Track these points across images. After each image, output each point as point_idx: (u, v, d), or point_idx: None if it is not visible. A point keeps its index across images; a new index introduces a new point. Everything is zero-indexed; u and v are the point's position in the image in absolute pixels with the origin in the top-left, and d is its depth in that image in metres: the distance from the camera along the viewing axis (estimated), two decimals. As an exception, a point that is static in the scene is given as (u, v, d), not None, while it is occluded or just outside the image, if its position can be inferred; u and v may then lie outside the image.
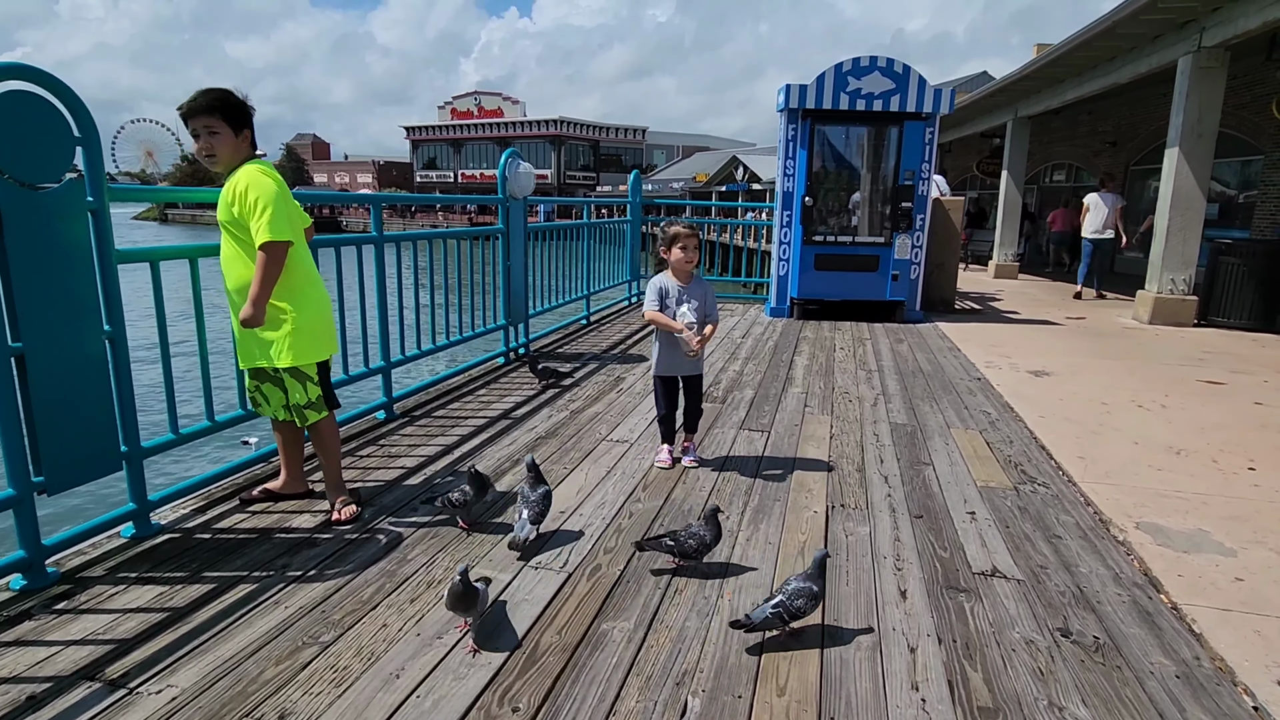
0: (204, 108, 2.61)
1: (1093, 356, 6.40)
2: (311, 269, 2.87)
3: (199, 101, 2.61)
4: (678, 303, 3.38)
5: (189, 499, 2.99)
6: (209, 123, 2.62)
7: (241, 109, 2.68)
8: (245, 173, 2.64)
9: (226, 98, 2.65)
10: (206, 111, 2.62)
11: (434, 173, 70.90)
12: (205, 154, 2.66)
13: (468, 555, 2.61)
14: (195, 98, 2.62)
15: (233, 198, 2.61)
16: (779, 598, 2.14)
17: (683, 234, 3.37)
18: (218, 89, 2.66)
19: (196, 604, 2.25)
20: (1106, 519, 3.06)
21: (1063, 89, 11.14)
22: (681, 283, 3.42)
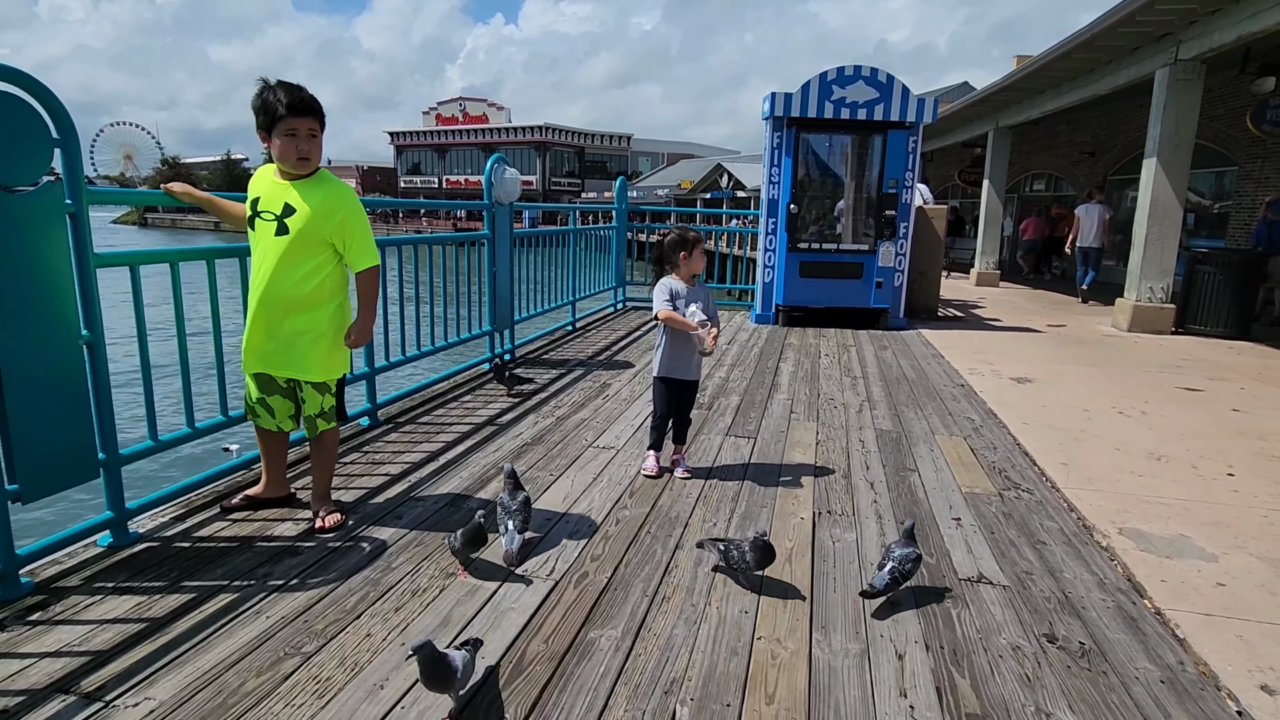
0: (315, 109, 2.57)
1: (1073, 364, 6.46)
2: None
3: (310, 102, 2.55)
4: (687, 303, 3.37)
5: (168, 507, 2.93)
6: (314, 126, 2.58)
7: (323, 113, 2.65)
8: (344, 191, 2.65)
9: (320, 106, 2.61)
10: (316, 114, 2.58)
11: (418, 178, 70.59)
12: (299, 157, 2.58)
13: (453, 563, 2.58)
14: (302, 94, 2.54)
15: (332, 213, 2.59)
16: (890, 564, 2.38)
17: (695, 241, 3.41)
18: (305, 88, 2.57)
19: (175, 614, 2.20)
20: (1090, 525, 3.09)
21: (1042, 100, 11.30)
22: (688, 284, 3.43)
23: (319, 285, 2.65)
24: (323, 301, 2.68)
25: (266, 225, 2.61)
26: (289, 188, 2.61)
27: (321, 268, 2.64)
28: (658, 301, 3.40)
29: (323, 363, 2.74)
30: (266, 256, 2.61)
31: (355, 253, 2.68)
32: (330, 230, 2.62)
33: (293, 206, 2.59)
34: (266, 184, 2.66)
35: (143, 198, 2.90)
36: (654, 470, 3.49)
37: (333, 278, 2.70)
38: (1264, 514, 3.24)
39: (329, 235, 2.62)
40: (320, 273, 2.64)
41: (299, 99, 2.53)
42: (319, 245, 2.62)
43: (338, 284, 2.74)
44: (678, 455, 3.59)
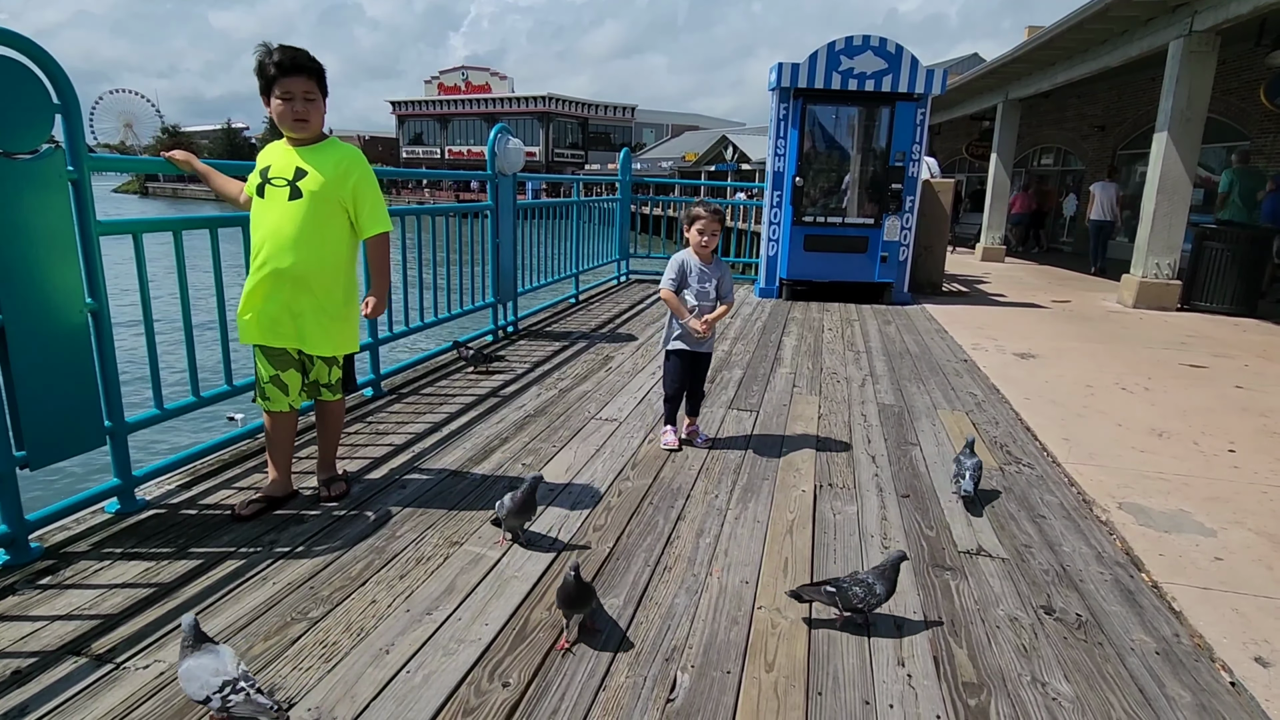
0: (309, 68, 2.47)
1: (1077, 340, 6.45)
2: None
3: (304, 61, 2.45)
4: (698, 280, 3.38)
5: (174, 474, 2.96)
6: (309, 88, 2.50)
7: (324, 74, 2.56)
8: (356, 154, 2.61)
9: (318, 65, 2.51)
10: (311, 74, 2.48)
11: (420, 149, 69.99)
12: (296, 119, 2.50)
13: (456, 531, 2.60)
14: (295, 52, 2.44)
15: (346, 175, 2.56)
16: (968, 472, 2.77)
17: (702, 215, 3.33)
18: (303, 49, 2.48)
19: (183, 580, 2.24)
20: (1090, 499, 3.10)
21: (1053, 72, 11.13)
22: (703, 261, 3.40)
23: (334, 254, 2.60)
24: (338, 273, 2.63)
25: (278, 191, 2.54)
26: (300, 153, 2.57)
27: (336, 235, 2.59)
28: (665, 277, 3.41)
29: (337, 338, 2.71)
30: (281, 224, 2.52)
31: (367, 216, 2.63)
32: (345, 192, 2.57)
33: (304, 170, 2.53)
34: (278, 153, 2.60)
35: (145, 165, 2.88)
36: (675, 444, 3.48)
37: (347, 246, 2.66)
38: (1264, 490, 3.25)
39: (344, 198, 2.57)
40: (335, 240, 2.59)
41: (291, 58, 2.46)
42: (334, 209, 2.57)
43: (351, 254, 2.70)
44: (693, 427, 3.61)
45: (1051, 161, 17.39)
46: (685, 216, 3.42)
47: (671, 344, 3.47)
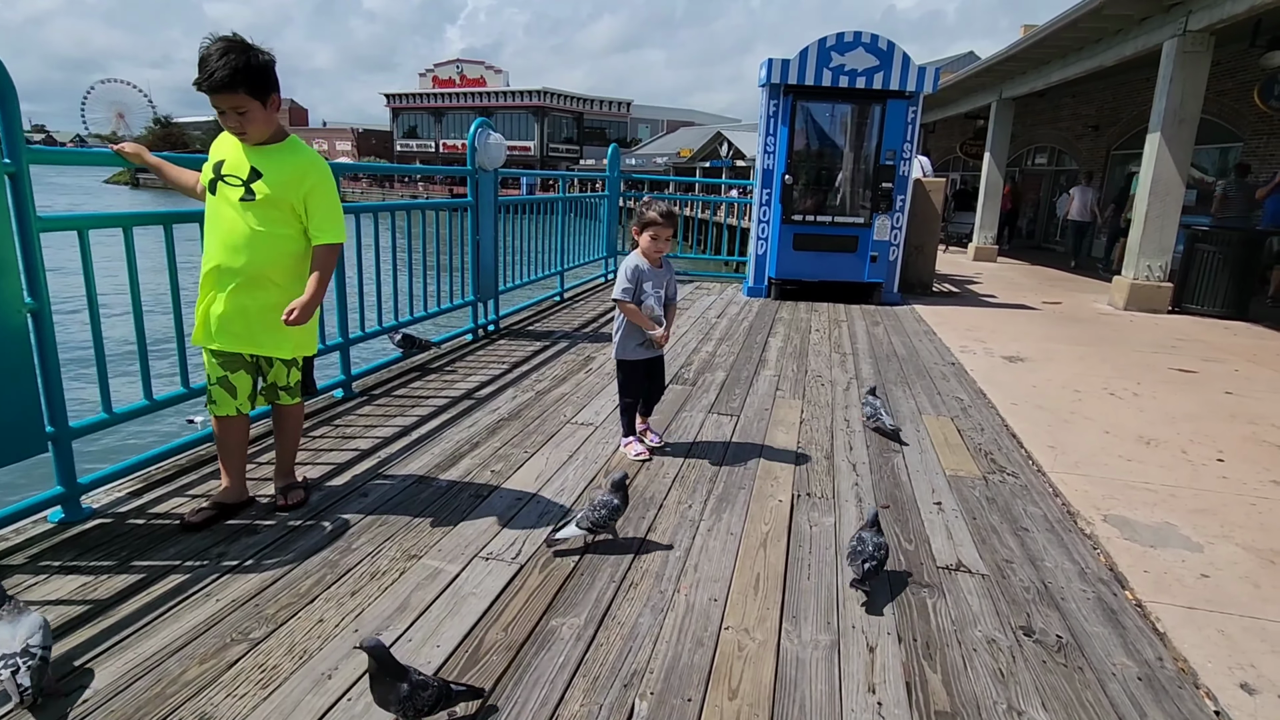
0: (224, 83, 2.23)
1: (1067, 342, 6.37)
2: None
3: (217, 76, 2.22)
4: (653, 287, 3.27)
5: (126, 481, 2.84)
6: (235, 102, 2.28)
7: (265, 73, 2.32)
8: (315, 158, 2.48)
9: (248, 64, 2.27)
10: (228, 88, 2.25)
11: (414, 142, 69.64)
12: (236, 132, 2.38)
13: (416, 543, 2.50)
14: (210, 69, 2.22)
15: (300, 181, 2.41)
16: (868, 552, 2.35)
17: (658, 223, 3.21)
18: (235, 50, 2.25)
19: (121, 596, 2.13)
20: (1074, 511, 3.02)
21: (1047, 71, 11.05)
22: (653, 265, 3.30)
23: (287, 255, 2.48)
24: (291, 275, 2.51)
25: (231, 190, 2.41)
26: (256, 153, 2.42)
27: (289, 237, 2.47)
28: (618, 286, 3.26)
29: (294, 339, 2.61)
30: (234, 223, 2.41)
31: (317, 222, 2.46)
32: (298, 198, 2.44)
33: (259, 171, 2.41)
34: (231, 145, 2.45)
35: (91, 157, 2.73)
36: (644, 453, 3.37)
37: (301, 248, 2.53)
38: (1252, 502, 3.17)
39: (296, 204, 2.45)
40: (288, 242, 2.47)
41: (206, 76, 2.24)
42: (287, 214, 2.44)
43: (305, 256, 2.56)
44: (645, 425, 3.53)
45: (1045, 161, 17.33)
46: (636, 219, 3.26)
47: (629, 353, 3.34)
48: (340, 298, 3.94)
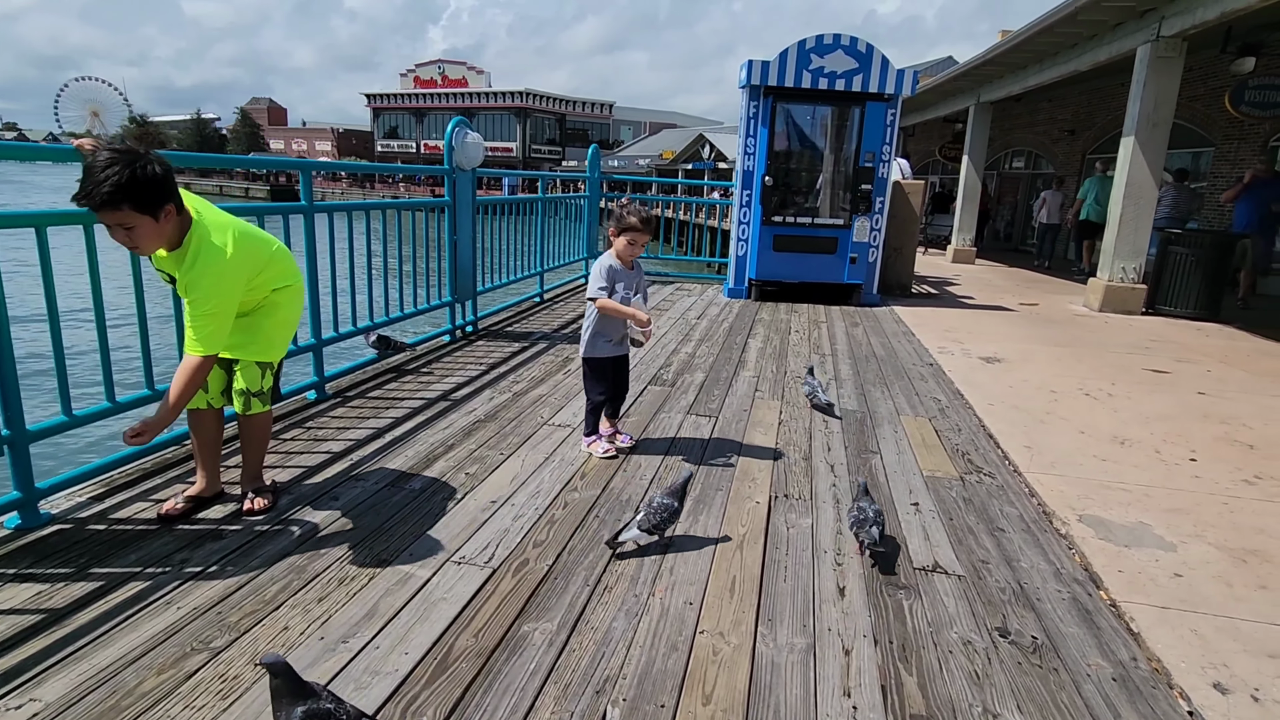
0: (106, 200, 2.02)
1: (1043, 343, 6.42)
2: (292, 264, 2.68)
3: (97, 194, 2.01)
4: (625, 288, 3.24)
5: (87, 485, 2.76)
6: (119, 219, 2.08)
7: (153, 186, 2.08)
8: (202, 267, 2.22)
9: (133, 179, 2.04)
10: (109, 205, 2.03)
11: (395, 142, 69.14)
12: (127, 246, 2.20)
13: (387, 548, 2.45)
14: (92, 185, 2.01)
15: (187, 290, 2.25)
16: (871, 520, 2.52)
17: (637, 229, 3.20)
18: (119, 164, 2.03)
19: (78, 604, 2.06)
20: (1050, 511, 3.02)
21: (1024, 75, 11.16)
22: (626, 266, 3.28)
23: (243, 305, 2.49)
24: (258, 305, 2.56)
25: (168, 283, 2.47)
26: (166, 257, 2.31)
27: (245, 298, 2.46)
28: (592, 286, 3.23)
29: (267, 343, 2.59)
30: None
31: (188, 325, 2.27)
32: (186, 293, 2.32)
33: (172, 276, 2.40)
34: None
35: (45, 153, 2.65)
36: (610, 451, 3.37)
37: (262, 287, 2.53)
38: (1224, 501, 3.20)
39: None
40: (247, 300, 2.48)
41: (85, 193, 2.03)
42: None
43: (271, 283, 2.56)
44: (612, 427, 3.50)
45: (1023, 165, 17.52)
46: (615, 221, 3.23)
47: (597, 351, 3.33)
48: (313, 298, 3.87)
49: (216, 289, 2.27)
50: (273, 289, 2.58)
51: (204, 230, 2.28)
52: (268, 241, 2.58)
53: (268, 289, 2.56)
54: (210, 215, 2.36)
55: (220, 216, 2.40)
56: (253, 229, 2.54)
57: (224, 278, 2.29)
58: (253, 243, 2.45)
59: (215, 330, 2.28)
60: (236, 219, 2.45)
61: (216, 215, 2.39)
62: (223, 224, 2.36)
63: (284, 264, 2.61)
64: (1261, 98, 9.68)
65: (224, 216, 2.41)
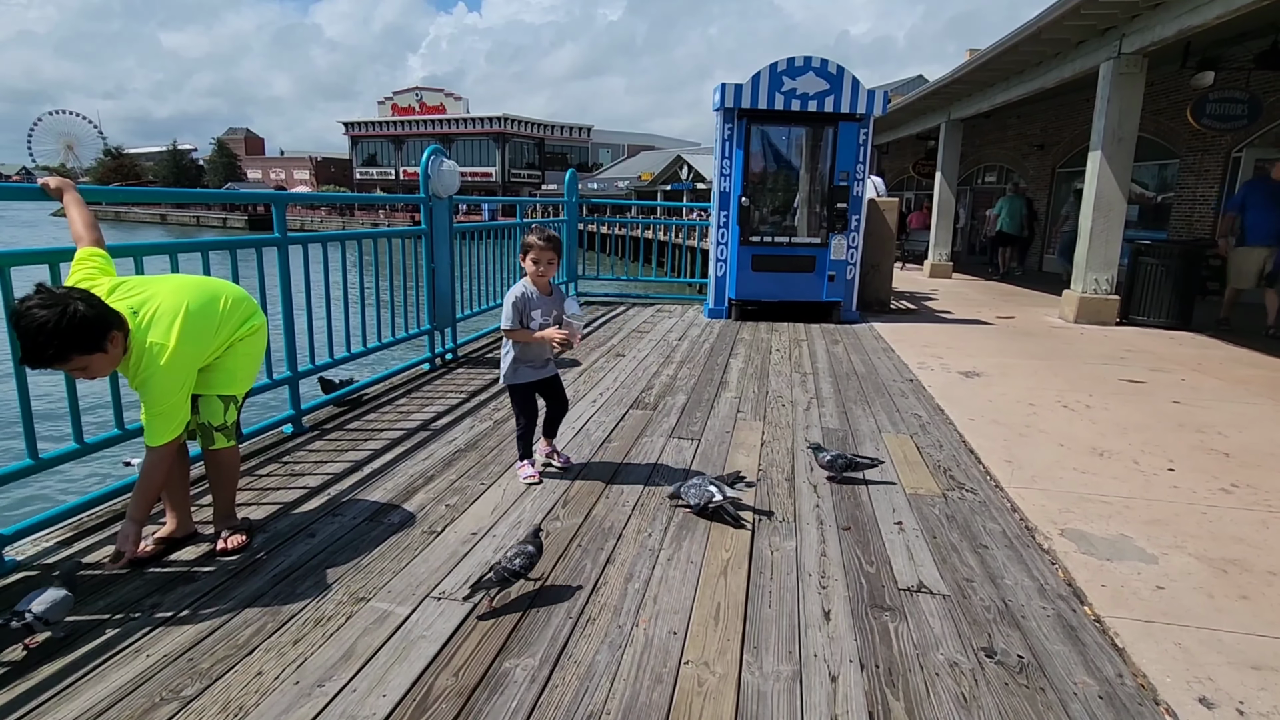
0: (55, 357, 2.09)
1: (1021, 356, 6.49)
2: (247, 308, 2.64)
3: (42, 360, 2.09)
4: (542, 315, 3.24)
5: (54, 530, 2.69)
6: (71, 366, 2.16)
7: (88, 327, 2.11)
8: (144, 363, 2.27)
9: (71, 328, 2.07)
10: (59, 362, 2.11)
11: (374, 170, 69.19)
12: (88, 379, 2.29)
13: (365, 585, 2.40)
14: (32, 352, 2.07)
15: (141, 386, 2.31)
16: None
17: (535, 245, 3.20)
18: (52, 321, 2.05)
19: (42, 657, 1.99)
20: (1032, 526, 3.03)
21: (992, 93, 11.38)
22: (542, 292, 3.27)
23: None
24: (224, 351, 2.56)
25: None
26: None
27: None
28: (504, 316, 3.24)
29: (226, 376, 2.55)
30: None
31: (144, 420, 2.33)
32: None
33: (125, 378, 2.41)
34: None
35: (9, 193, 2.59)
36: (535, 477, 3.33)
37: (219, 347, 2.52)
38: (1203, 510, 3.22)
39: None
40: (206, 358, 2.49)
41: (34, 357, 2.10)
42: None
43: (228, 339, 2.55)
44: (549, 448, 3.52)
45: (995, 179, 17.81)
46: (523, 244, 3.27)
47: (519, 378, 3.31)
48: (288, 330, 3.83)
49: (165, 388, 2.30)
50: (231, 340, 2.55)
51: (142, 335, 2.28)
52: (214, 302, 2.49)
53: (226, 344, 2.53)
54: (154, 304, 2.33)
55: (165, 302, 2.35)
56: (201, 298, 2.45)
57: (171, 374, 2.30)
58: (198, 320, 2.39)
59: (170, 424, 2.34)
60: (185, 294, 2.41)
61: (162, 301, 2.35)
62: (167, 311, 2.33)
63: (237, 314, 2.57)
64: (1222, 110, 9.91)
65: (169, 301, 2.35)
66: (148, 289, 2.38)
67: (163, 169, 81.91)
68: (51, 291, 2.12)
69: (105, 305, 2.20)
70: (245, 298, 2.65)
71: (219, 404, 2.55)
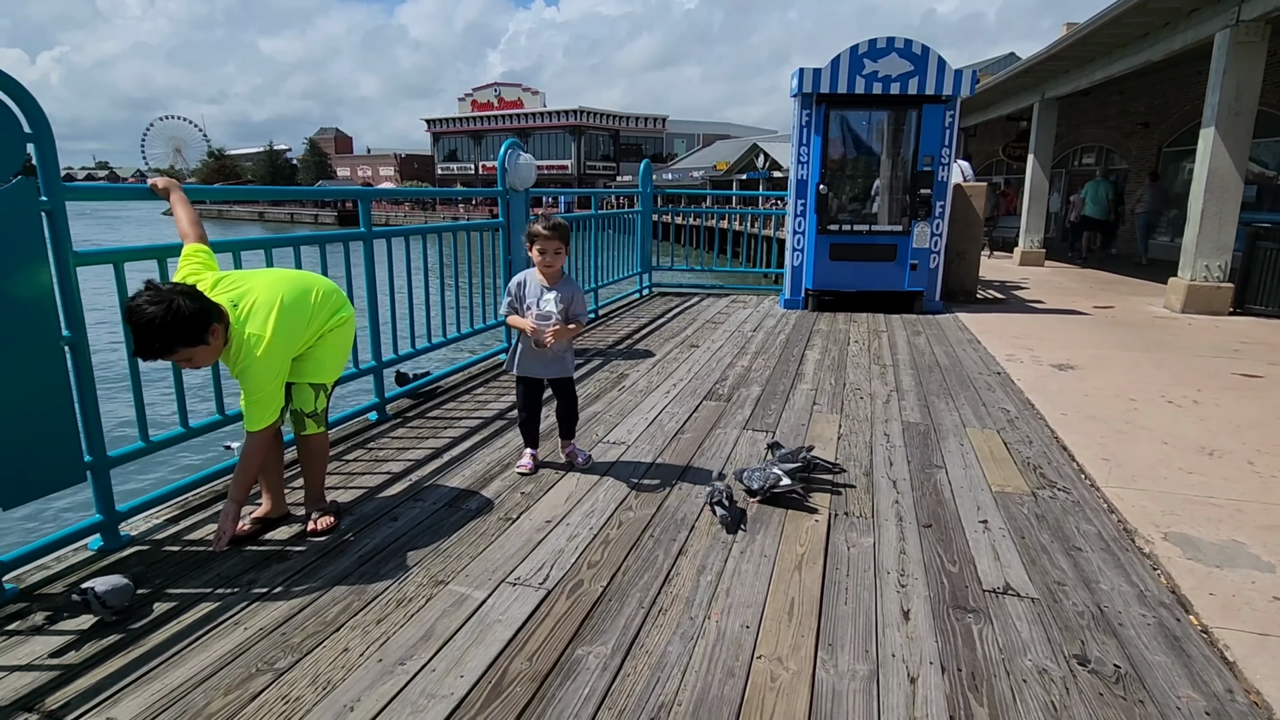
0: (162, 353, 2.27)
1: (1120, 348, 6.11)
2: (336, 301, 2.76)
3: (155, 349, 2.26)
4: (539, 303, 3.14)
5: (163, 508, 2.89)
6: (177, 358, 2.34)
7: (193, 321, 2.26)
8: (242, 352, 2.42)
9: (175, 323, 2.22)
10: (166, 355, 2.29)
11: (455, 165, 71.06)
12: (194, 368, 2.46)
13: (444, 569, 2.48)
14: (143, 346, 2.25)
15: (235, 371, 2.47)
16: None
17: (541, 235, 3.09)
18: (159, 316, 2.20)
19: (153, 624, 2.14)
20: (1131, 528, 2.85)
21: (1091, 69, 10.73)
22: (546, 282, 3.17)
23: None
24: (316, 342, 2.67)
25: None
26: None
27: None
28: (505, 301, 3.28)
29: (316, 366, 2.67)
30: None
31: (243, 407, 2.50)
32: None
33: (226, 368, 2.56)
34: None
35: (124, 193, 2.79)
36: (529, 468, 3.31)
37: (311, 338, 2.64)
38: (1329, 516, 2.96)
39: None
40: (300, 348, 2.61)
41: (143, 349, 2.26)
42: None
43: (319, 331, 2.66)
44: (569, 449, 3.44)
45: (1093, 161, 16.81)
46: (526, 233, 3.17)
47: (517, 368, 3.27)
48: (372, 322, 3.98)
49: (261, 377, 2.43)
50: (322, 332, 2.66)
51: (240, 327, 2.41)
52: (306, 295, 2.60)
53: (317, 335, 2.64)
54: (252, 297, 2.46)
55: (262, 295, 2.48)
56: (294, 291, 2.56)
57: (267, 364, 2.43)
58: (291, 313, 2.51)
59: (266, 411, 2.49)
60: (280, 287, 2.53)
61: (259, 295, 2.48)
62: (263, 304, 2.45)
63: (328, 306, 2.68)
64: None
65: (266, 294, 2.48)
66: (246, 283, 2.51)
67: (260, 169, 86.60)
68: (159, 289, 2.26)
69: (207, 300, 2.34)
70: (335, 290, 2.76)
71: (310, 392, 2.67)
